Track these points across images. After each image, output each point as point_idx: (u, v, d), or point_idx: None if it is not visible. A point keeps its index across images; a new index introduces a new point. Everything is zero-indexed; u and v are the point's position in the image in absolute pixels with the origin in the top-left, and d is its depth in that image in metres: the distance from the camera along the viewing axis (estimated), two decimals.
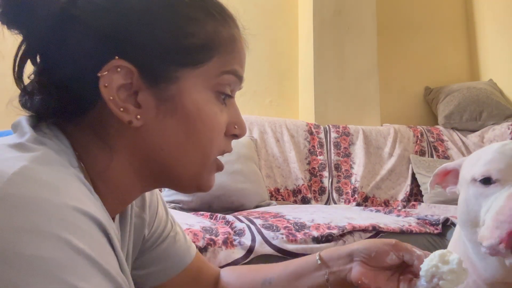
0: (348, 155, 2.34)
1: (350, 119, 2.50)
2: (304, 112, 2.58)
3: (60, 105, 0.48)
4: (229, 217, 1.47)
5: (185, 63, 0.49)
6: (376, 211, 1.78)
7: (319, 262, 0.67)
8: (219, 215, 1.52)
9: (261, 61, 2.60)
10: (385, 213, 1.74)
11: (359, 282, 0.62)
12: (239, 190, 1.85)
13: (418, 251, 0.61)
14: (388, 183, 2.30)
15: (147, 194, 0.65)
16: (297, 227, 1.36)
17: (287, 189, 2.14)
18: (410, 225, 1.49)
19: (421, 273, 0.56)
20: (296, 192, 2.15)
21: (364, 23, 2.62)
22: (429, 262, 0.56)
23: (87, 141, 0.49)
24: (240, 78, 0.54)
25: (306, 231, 1.35)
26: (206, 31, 0.51)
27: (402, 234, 1.44)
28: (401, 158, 2.38)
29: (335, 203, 2.21)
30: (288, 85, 2.65)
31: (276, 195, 2.11)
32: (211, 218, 1.51)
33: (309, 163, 2.26)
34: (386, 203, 2.25)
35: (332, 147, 2.34)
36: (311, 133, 2.32)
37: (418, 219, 1.57)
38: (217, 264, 1.17)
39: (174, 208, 1.74)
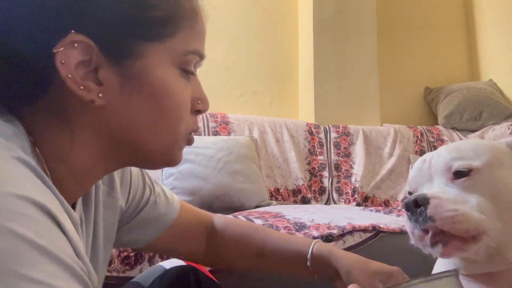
0: (348, 155, 2.34)
1: (350, 119, 2.50)
2: (304, 112, 2.58)
3: (13, 86, 0.45)
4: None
5: (148, 37, 0.47)
6: (376, 211, 1.78)
7: (310, 268, 0.74)
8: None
9: (261, 61, 2.60)
10: (385, 213, 1.74)
11: None
12: (239, 190, 1.85)
13: None
14: (388, 183, 2.30)
15: (116, 173, 0.63)
16: (297, 227, 1.36)
17: (287, 189, 2.14)
18: None
19: None
20: (296, 192, 2.15)
21: (364, 23, 2.62)
22: None
23: (44, 124, 0.46)
24: (202, 57, 0.54)
25: (306, 231, 1.35)
26: (168, 3, 0.48)
27: (402, 234, 1.44)
28: (401, 158, 2.38)
29: (335, 203, 2.21)
30: (288, 85, 2.65)
31: (276, 195, 2.11)
32: None
33: (309, 163, 2.25)
34: (386, 203, 2.25)
35: (332, 147, 2.33)
36: (311, 133, 2.32)
37: None
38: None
39: None
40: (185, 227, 0.76)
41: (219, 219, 0.83)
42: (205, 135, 2.08)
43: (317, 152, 2.29)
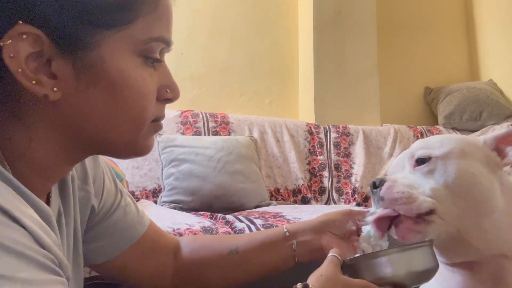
0: (348, 155, 2.34)
1: (350, 119, 2.50)
2: (304, 112, 2.58)
3: None
4: (229, 217, 1.47)
5: (103, 24, 0.43)
6: None
7: (287, 234, 0.72)
8: (219, 215, 1.52)
9: (261, 61, 2.60)
10: None
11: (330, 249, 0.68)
12: (239, 190, 1.85)
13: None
14: None
15: (90, 167, 0.62)
16: None
17: (287, 189, 2.14)
18: None
19: (360, 239, 0.68)
20: (296, 192, 2.15)
21: (364, 23, 2.62)
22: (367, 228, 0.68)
23: (0, 121, 0.44)
24: (168, 43, 0.49)
25: None
26: None
27: None
28: None
29: (335, 203, 2.21)
30: (288, 85, 2.65)
31: (276, 195, 2.11)
32: (211, 218, 1.51)
33: (309, 163, 2.25)
34: None
35: (332, 147, 2.33)
36: (311, 133, 2.32)
37: None
38: None
39: (174, 208, 1.74)
40: (152, 245, 0.71)
41: (185, 238, 0.79)
42: (205, 135, 2.08)
43: (317, 152, 2.29)
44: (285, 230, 0.73)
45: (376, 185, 0.66)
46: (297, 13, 2.70)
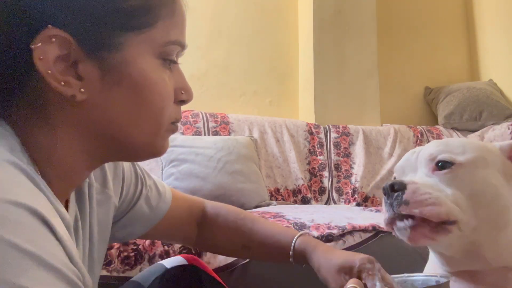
0: (348, 155, 2.34)
1: (350, 119, 2.50)
2: (304, 112, 2.58)
3: None
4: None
5: (126, 27, 0.46)
6: (376, 211, 1.78)
7: (293, 262, 0.77)
8: None
9: (261, 61, 2.60)
10: None
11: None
12: (239, 190, 1.85)
13: (379, 284, 0.61)
14: None
15: (109, 167, 0.64)
16: (297, 227, 1.36)
17: (287, 189, 2.14)
18: None
19: None
20: (296, 192, 2.15)
21: (364, 23, 2.62)
22: None
23: (28, 123, 0.45)
24: (184, 46, 0.53)
25: (306, 231, 1.35)
26: None
27: None
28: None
29: (335, 203, 2.21)
30: (288, 85, 2.65)
31: (276, 195, 2.11)
32: None
33: (309, 163, 2.25)
34: None
35: (332, 147, 2.33)
36: (311, 133, 2.32)
37: None
38: (217, 264, 1.17)
39: None
40: (177, 217, 0.78)
41: (210, 206, 0.85)
42: (205, 135, 2.08)
43: (317, 152, 2.29)
44: (291, 258, 0.76)
45: (395, 189, 0.61)
46: (297, 13, 2.69)
